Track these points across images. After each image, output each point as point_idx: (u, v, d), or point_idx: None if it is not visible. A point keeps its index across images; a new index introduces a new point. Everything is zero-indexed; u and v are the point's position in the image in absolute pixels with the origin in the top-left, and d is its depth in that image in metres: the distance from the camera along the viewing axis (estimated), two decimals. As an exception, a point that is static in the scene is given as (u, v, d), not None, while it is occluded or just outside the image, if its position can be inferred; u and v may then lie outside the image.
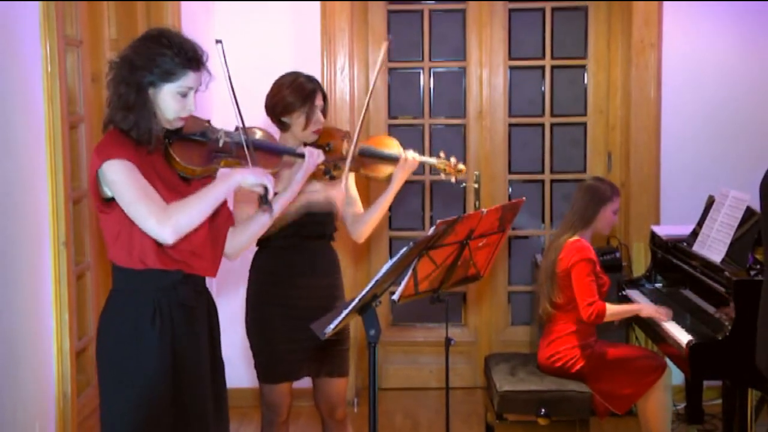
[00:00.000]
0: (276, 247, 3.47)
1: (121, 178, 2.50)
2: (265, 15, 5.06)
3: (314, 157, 3.00)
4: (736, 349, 3.42)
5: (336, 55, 5.06)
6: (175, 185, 2.64)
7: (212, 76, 2.68)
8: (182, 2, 4.39)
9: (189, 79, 2.59)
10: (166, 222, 2.49)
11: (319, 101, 3.44)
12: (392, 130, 5.40)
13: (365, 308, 2.72)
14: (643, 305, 4.14)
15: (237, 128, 2.77)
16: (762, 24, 5.01)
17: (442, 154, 3.61)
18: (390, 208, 4.03)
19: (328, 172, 3.15)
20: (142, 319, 2.60)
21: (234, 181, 2.59)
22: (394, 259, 2.66)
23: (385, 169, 3.55)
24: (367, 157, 3.55)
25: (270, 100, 3.48)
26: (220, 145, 2.72)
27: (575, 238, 4.04)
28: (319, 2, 5.03)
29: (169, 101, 2.58)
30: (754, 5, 5.00)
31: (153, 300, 2.62)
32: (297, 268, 3.46)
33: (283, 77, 3.51)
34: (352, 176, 3.59)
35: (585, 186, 4.16)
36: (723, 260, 3.76)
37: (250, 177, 2.61)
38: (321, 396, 3.61)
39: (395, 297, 2.95)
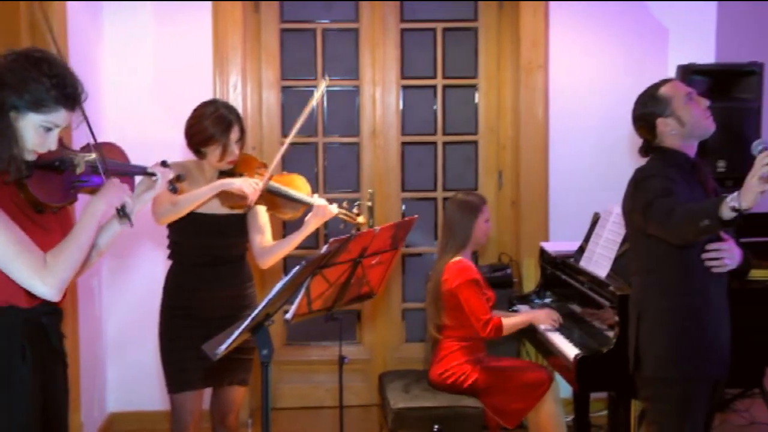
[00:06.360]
0: (187, 264, 3.56)
1: None
2: (157, 33, 4.99)
3: (165, 176, 2.76)
4: (621, 361, 3.51)
5: (228, 73, 5.01)
6: (29, 214, 2.40)
7: (85, 118, 2.45)
8: (69, 2, 4.25)
9: (59, 116, 2.32)
10: (49, 280, 2.29)
11: (235, 134, 3.50)
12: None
13: (258, 328, 2.71)
14: (536, 313, 4.20)
15: (89, 146, 2.56)
16: (644, 46, 5.21)
17: (345, 204, 3.70)
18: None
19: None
20: (12, 356, 2.37)
21: (100, 211, 2.42)
22: (287, 278, 2.65)
23: (289, 211, 3.61)
24: (275, 196, 3.61)
25: (189, 129, 3.51)
26: (77, 172, 2.47)
27: (456, 258, 4.09)
28: (210, 20, 4.98)
29: (30, 132, 2.31)
30: (637, 29, 5.20)
31: (21, 334, 2.39)
32: (204, 281, 3.54)
33: (203, 107, 3.54)
34: (264, 207, 3.66)
35: (456, 201, 4.22)
36: (608, 275, 3.87)
37: (114, 199, 2.45)
38: (216, 401, 3.71)
39: (288, 316, 2.94)
